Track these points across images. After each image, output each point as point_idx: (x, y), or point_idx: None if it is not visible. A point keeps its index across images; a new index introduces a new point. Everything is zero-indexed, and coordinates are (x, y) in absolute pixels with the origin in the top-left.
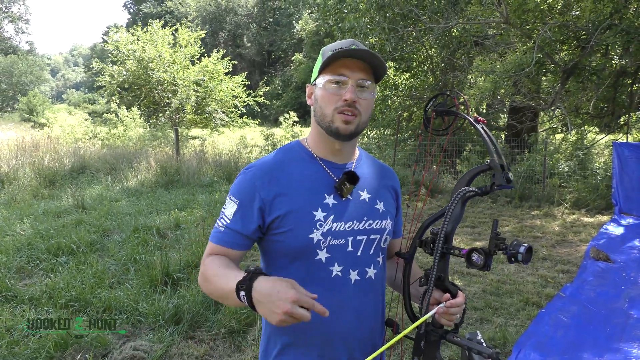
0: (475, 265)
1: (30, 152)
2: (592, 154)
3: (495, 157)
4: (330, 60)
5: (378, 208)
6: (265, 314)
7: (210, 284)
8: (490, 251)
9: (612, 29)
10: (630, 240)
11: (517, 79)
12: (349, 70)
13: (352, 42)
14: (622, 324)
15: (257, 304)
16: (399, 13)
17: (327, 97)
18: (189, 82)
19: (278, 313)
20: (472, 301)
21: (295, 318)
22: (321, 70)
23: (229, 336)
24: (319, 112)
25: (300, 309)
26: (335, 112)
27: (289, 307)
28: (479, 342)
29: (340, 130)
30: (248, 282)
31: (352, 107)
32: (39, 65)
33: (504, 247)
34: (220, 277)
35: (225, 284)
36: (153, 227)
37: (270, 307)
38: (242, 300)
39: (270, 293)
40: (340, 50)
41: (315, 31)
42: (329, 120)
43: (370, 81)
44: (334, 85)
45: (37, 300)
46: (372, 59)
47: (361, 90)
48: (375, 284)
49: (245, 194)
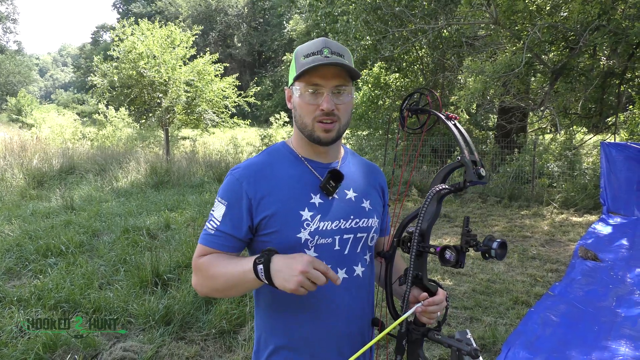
0: (448, 263)
1: (18, 152)
2: (581, 154)
3: (467, 153)
4: (303, 71)
5: (364, 206)
6: (283, 281)
7: (217, 276)
8: (461, 248)
9: (600, 30)
10: (618, 240)
11: (506, 80)
12: (323, 79)
13: (324, 44)
14: (610, 323)
15: (275, 274)
16: (389, 14)
17: (305, 107)
18: (179, 82)
19: (295, 275)
20: (462, 300)
21: (310, 281)
22: (296, 78)
23: (219, 336)
24: (299, 120)
25: (315, 270)
26: (314, 121)
27: (305, 266)
28: (468, 340)
29: (322, 138)
30: (267, 256)
31: (330, 115)
32: (27, 65)
33: (475, 243)
34: (228, 266)
35: (237, 267)
36: (143, 228)
37: (288, 272)
38: (259, 274)
39: (288, 262)
40: (311, 64)
41: (305, 31)
42: (309, 129)
43: (345, 85)
44: (310, 94)
45: (26, 302)
46: (345, 65)
47: (338, 95)
48: (364, 282)
49: (233, 196)
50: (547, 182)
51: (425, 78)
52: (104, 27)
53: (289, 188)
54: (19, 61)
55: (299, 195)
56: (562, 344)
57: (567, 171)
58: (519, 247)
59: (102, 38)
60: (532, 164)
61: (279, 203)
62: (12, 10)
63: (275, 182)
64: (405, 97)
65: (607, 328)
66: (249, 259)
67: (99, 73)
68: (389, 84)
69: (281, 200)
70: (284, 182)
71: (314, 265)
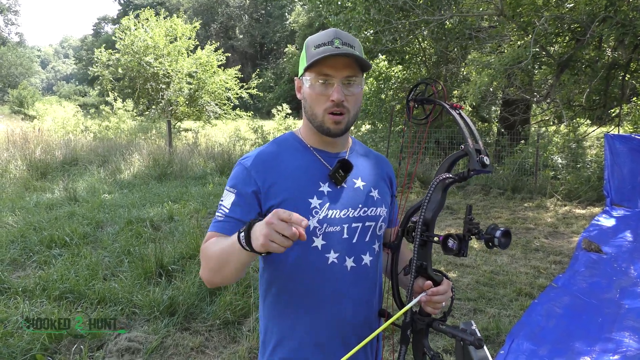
0: (450, 251)
1: (21, 144)
2: (584, 146)
3: (470, 141)
4: (314, 62)
5: (373, 195)
6: (255, 240)
7: (212, 256)
8: (464, 236)
9: (607, 21)
10: (621, 232)
11: (510, 72)
12: (333, 69)
13: (335, 34)
14: (613, 314)
15: (252, 237)
16: (393, 5)
17: (315, 98)
18: (182, 74)
19: (262, 230)
20: (465, 292)
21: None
22: (306, 69)
23: (224, 327)
24: (309, 111)
25: (280, 221)
26: (325, 112)
27: (270, 217)
28: (473, 331)
29: (332, 130)
30: (249, 224)
31: (340, 106)
32: (28, 57)
33: (477, 231)
34: (221, 243)
35: (227, 241)
36: (146, 220)
37: (258, 230)
38: (241, 241)
39: (262, 222)
40: (322, 55)
41: (307, 23)
42: (319, 120)
43: (356, 76)
44: (321, 84)
45: (31, 292)
46: (355, 56)
47: (348, 85)
48: (371, 271)
49: (242, 185)
50: (551, 174)
51: (428, 70)
52: (105, 18)
53: (297, 176)
54: (20, 53)
55: (308, 184)
56: (566, 335)
57: (570, 163)
58: (523, 239)
59: (104, 30)
60: (536, 156)
61: (287, 191)
62: (13, 2)
63: (284, 170)
64: (411, 89)
65: (611, 320)
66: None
67: (101, 64)
68: (391, 76)
69: (290, 188)
70: (292, 170)
71: (278, 215)
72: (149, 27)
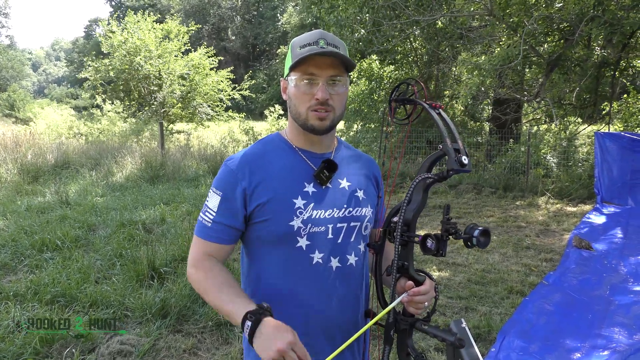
0: (429, 251)
1: (12, 148)
2: (575, 144)
3: (449, 141)
4: (299, 61)
5: (358, 196)
6: (260, 347)
7: (208, 293)
8: (442, 236)
9: (596, 20)
10: (612, 229)
11: (502, 72)
12: (318, 69)
13: (320, 35)
14: (603, 311)
15: (257, 337)
16: (384, 6)
17: (300, 96)
18: (174, 76)
19: (273, 350)
20: (457, 290)
21: None
22: (292, 68)
23: (216, 329)
24: (293, 110)
25: (293, 353)
26: (308, 110)
27: (285, 346)
28: (463, 329)
29: (316, 127)
30: (258, 316)
31: (324, 104)
32: (19, 59)
33: (454, 231)
34: (221, 294)
35: (229, 305)
36: (139, 222)
37: (268, 343)
38: (244, 328)
39: (273, 331)
40: (307, 54)
41: (300, 24)
42: (303, 118)
43: (340, 75)
44: (305, 84)
45: (22, 297)
46: (340, 55)
47: (333, 85)
48: (357, 271)
49: (227, 186)
50: (542, 173)
51: (419, 70)
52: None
53: (282, 177)
54: (11, 56)
55: (293, 184)
56: (557, 332)
57: (561, 161)
58: (514, 237)
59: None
60: (527, 155)
61: (272, 191)
62: (3, 4)
63: (269, 171)
64: (393, 89)
65: (601, 316)
66: (242, 305)
67: (92, 70)
68: (383, 76)
69: (274, 188)
70: (277, 171)
71: (295, 348)
72: (139, 29)
